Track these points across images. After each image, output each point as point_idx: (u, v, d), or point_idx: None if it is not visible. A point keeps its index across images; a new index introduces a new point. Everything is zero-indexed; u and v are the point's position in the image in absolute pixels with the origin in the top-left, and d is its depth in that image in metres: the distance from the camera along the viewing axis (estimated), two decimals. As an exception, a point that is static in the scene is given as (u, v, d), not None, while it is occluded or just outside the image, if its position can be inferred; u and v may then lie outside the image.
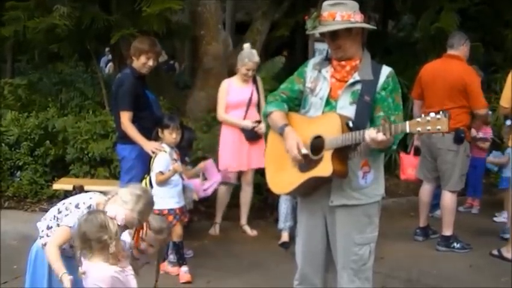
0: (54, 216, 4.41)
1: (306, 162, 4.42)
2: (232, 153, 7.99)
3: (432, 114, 3.89)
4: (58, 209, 4.46)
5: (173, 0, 8.56)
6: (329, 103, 4.53)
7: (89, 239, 3.85)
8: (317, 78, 4.63)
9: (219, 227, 8.23)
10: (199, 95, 10.01)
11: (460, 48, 7.76)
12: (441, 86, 7.61)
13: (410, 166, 8.32)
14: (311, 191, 4.58)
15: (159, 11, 8.40)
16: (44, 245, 4.38)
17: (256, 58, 8.13)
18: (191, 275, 6.64)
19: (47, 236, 4.43)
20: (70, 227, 4.17)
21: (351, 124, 4.27)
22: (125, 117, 6.80)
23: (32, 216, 8.32)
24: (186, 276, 6.64)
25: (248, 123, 7.92)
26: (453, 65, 7.66)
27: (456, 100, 7.56)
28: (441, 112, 3.90)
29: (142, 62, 6.92)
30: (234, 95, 7.97)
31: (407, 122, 4.00)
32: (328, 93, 4.54)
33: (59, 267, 4.06)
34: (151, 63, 6.96)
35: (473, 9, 11.15)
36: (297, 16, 12.47)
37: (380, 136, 4.04)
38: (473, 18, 11.28)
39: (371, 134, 4.08)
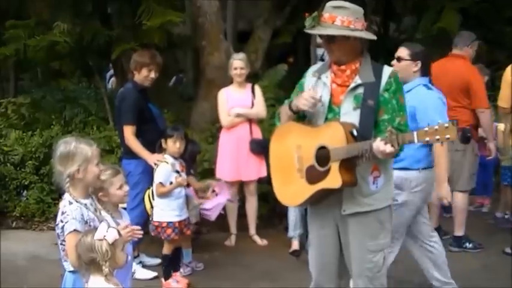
0: (58, 235, 4.36)
1: (313, 174, 4.37)
2: (231, 163, 7.95)
3: (439, 122, 3.84)
4: (57, 232, 4.40)
5: (173, 12, 8.56)
6: (332, 109, 4.47)
7: (84, 261, 3.88)
8: (316, 84, 4.56)
9: (234, 237, 8.19)
10: (203, 106, 9.97)
11: (464, 49, 7.71)
12: (445, 85, 7.53)
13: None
14: (322, 200, 4.53)
15: (160, 24, 8.39)
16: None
17: (241, 55, 8.17)
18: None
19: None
20: (71, 231, 4.15)
21: (355, 133, 4.22)
22: (129, 131, 6.78)
23: (40, 236, 8.33)
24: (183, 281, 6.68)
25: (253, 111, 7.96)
26: (456, 65, 7.61)
27: (459, 99, 7.52)
28: (449, 120, 3.88)
29: (144, 75, 6.91)
30: (233, 102, 7.92)
31: (415, 132, 3.95)
32: (329, 99, 4.48)
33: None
34: (153, 75, 6.95)
35: (474, 8, 11.11)
36: (298, 22, 12.45)
37: (389, 148, 4.00)
38: (474, 16, 11.23)
39: (380, 146, 4.02)
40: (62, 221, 4.23)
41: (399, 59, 5.78)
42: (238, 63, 7.96)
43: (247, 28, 13.10)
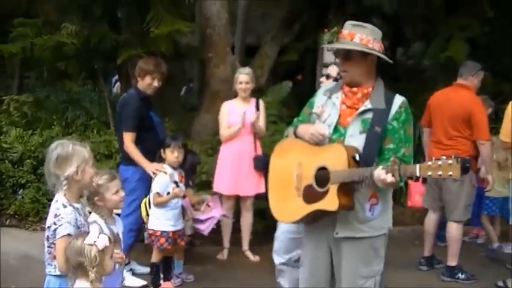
0: (48, 237, 4.32)
1: (310, 193, 4.35)
2: (229, 177, 7.93)
3: (443, 158, 3.81)
4: (47, 234, 4.36)
5: (182, 21, 8.56)
6: (338, 130, 4.45)
7: (71, 264, 3.88)
8: (326, 104, 4.57)
9: (227, 251, 8.17)
10: (205, 118, 9.96)
11: (469, 78, 7.69)
12: (447, 114, 7.57)
13: (417, 193, 8.24)
14: (316, 220, 4.50)
15: (167, 33, 8.39)
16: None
17: (247, 70, 8.16)
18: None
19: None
20: (64, 235, 4.12)
21: (357, 157, 4.20)
22: (128, 138, 6.77)
23: (33, 235, 8.28)
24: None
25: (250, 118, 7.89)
26: (460, 95, 7.59)
27: (460, 130, 7.49)
28: (453, 157, 3.82)
29: (147, 83, 6.91)
30: (235, 116, 7.89)
31: (418, 166, 3.92)
32: (337, 120, 4.47)
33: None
34: (156, 83, 6.94)
35: (483, 39, 11.11)
36: (306, 41, 12.47)
37: (389, 178, 3.96)
38: (483, 47, 11.23)
39: (381, 174, 3.99)
40: (55, 224, 4.21)
41: (328, 77, 5.75)
42: (243, 77, 7.95)
43: (256, 43, 13.14)
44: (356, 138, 4.35)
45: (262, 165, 7.79)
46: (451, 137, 7.54)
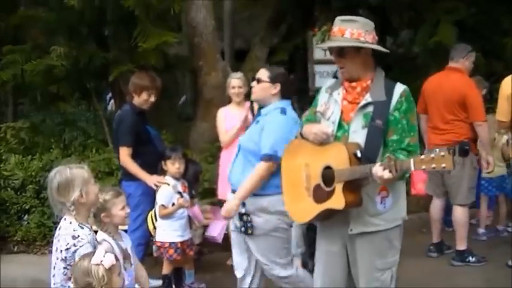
0: (65, 258, 4.31)
1: (319, 193, 4.38)
2: None
3: (436, 151, 3.83)
4: (65, 256, 4.36)
5: (169, 33, 8.57)
6: (342, 126, 4.46)
7: (80, 285, 3.86)
8: (329, 101, 4.58)
9: None
10: (201, 126, 9.97)
11: (460, 61, 7.70)
12: (442, 99, 7.57)
13: (420, 181, 8.23)
14: (328, 218, 4.52)
15: (156, 46, 8.39)
16: None
17: (238, 74, 8.14)
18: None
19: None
20: None
21: (359, 154, 4.20)
22: (124, 153, 6.78)
23: (42, 259, 8.27)
24: None
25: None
26: (453, 78, 7.61)
27: (456, 113, 7.51)
28: (445, 148, 3.87)
29: (144, 99, 6.91)
30: (231, 121, 7.88)
31: (411, 160, 3.93)
32: (340, 116, 4.47)
33: None
34: (152, 99, 6.95)
35: (470, 20, 11.11)
36: (295, 40, 12.47)
37: (386, 174, 3.97)
38: (471, 28, 11.22)
39: (378, 171, 4.00)
40: (75, 245, 4.23)
41: (258, 81, 5.72)
42: (236, 82, 7.94)
43: (244, 47, 13.14)
44: (359, 134, 4.36)
45: None
46: (447, 121, 7.54)
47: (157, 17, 8.80)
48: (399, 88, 4.41)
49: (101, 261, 3.83)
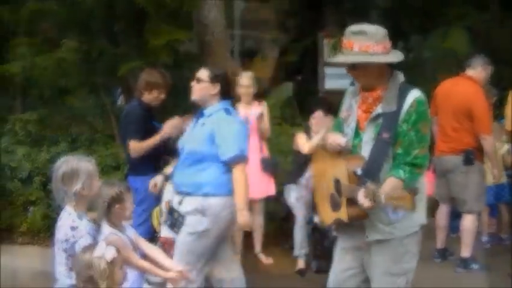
0: (65, 249, 4.34)
1: (334, 202, 4.47)
2: None
3: (398, 191, 3.96)
4: (64, 247, 4.38)
5: (179, 31, 8.57)
6: (358, 135, 4.48)
7: (81, 278, 3.88)
8: (350, 108, 4.58)
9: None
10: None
11: (477, 69, 7.63)
12: (451, 105, 7.54)
13: (428, 183, 8.20)
14: (345, 224, 4.51)
15: (166, 42, 8.40)
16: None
17: (248, 73, 8.15)
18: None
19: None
20: (86, 246, 4.15)
21: (359, 172, 4.23)
22: (135, 145, 6.77)
23: (46, 251, 8.26)
24: None
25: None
26: (463, 86, 7.58)
27: (462, 122, 7.49)
28: (408, 189, 4.00)
29: (154, 96, 6.91)
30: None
31: (382, 196, 3.96)
32: (356, 124, 4.48)
33: None
34: (163, 96, 6.96)
35: (482, 26, 11.08)
36: (305, 41, 12.47)
37: (367, 203, 4.04)
38: (482, 34, 11.20)
39: (360, 199, 4.07)
40: (74, 237, 4.26)
41: (198, 80, 5.74)
42: (245, 81, 7.95)
43: (255, 47, 13.14)
44: (368, 146, 4.37)
45: (270, 167, 7.80)
46: (454, 128, 7.52)
47: (168, 14, 8.79)
48: (411, 97, 4.34)
49: (103, 254, 3.85)
